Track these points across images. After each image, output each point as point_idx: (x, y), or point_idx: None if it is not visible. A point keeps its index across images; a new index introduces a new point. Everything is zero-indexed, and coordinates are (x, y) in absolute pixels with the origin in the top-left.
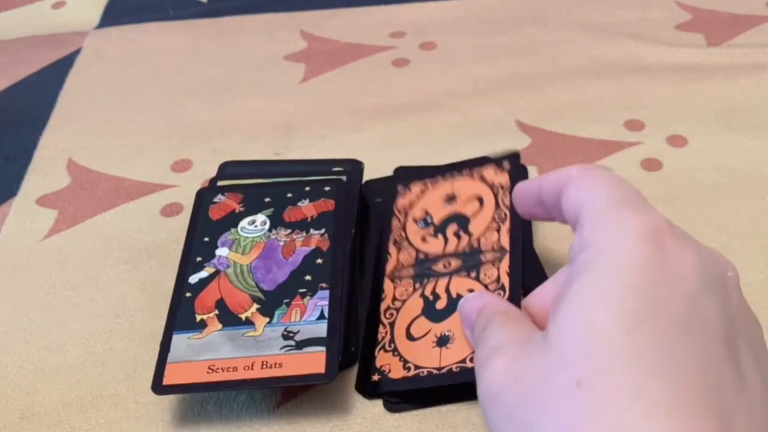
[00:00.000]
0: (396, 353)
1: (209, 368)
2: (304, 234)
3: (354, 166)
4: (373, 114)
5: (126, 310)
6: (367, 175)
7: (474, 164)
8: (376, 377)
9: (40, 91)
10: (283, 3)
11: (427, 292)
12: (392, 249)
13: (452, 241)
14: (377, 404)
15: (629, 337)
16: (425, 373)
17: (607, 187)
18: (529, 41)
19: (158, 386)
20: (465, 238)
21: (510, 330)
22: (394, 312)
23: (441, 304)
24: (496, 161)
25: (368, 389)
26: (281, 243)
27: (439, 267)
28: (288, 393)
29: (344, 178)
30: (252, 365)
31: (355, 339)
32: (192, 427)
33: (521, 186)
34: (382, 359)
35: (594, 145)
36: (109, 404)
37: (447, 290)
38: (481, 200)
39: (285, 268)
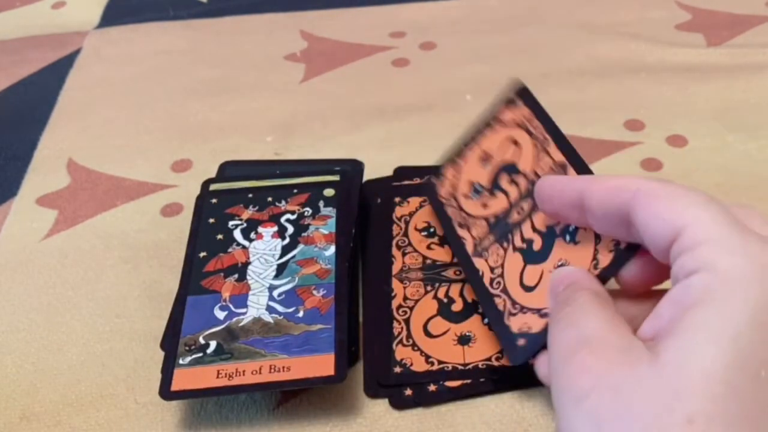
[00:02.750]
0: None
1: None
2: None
3: (354, 166)
4: (373, 114)
5: (126, 310)
6: (367, 175)
7: (487, 115)
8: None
9: (40, 91)
10: (283, 3)
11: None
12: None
13: (512, 191)
14: (377, 404)
15: (752, 384)
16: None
17: (713, 208)
18: (529, 41)
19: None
20: (522, 182)
21: (602, 321)
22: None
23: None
24: (505, 102)
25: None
26: None
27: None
28: (288, 393)
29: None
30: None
31: (356, 339)
32: (192, 427)
33: (552, 184)
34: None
35: (594, 145)
36: (109, 404)
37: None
38: (515, 141)
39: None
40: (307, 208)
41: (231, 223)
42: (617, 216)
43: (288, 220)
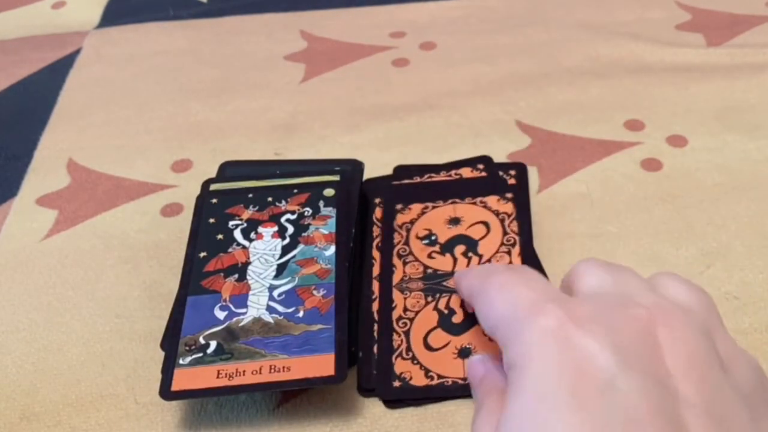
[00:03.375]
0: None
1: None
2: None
3: (354, 166)
4: (373, 114)
5: (126, 310)
6: (367, 175)
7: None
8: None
9: (40, 91)
10: (283, 3)
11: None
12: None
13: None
14: (377, 404)
15: None
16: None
17: (504, 305)
18: (529, 41)
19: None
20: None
21: (492, 424)
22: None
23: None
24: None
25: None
26: None
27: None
28: (288, 393)
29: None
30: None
31: (355, 340)
32: (192, 427)
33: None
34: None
35: (594, 145)
36: (109, 404)
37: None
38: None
39: None
40: (307, 208)
41: (231, 223)
42: None
43: (288, 220)
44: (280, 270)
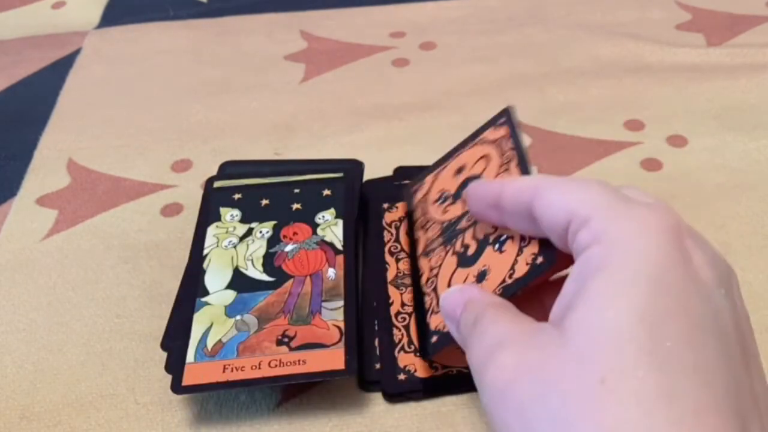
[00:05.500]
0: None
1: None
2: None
3: (354, 166)
4: (373, 114)
5: (126, 310)
6: (367, 175)
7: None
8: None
9: (40, 91)
10: (283, 3)
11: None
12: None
13: None
14: (378, 403)
15: (652, 336)
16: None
17: (599, 188)
18: (529, 41)
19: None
20: None
21: (508, 322)
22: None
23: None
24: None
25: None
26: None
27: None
28: (288, 392)
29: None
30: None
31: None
32: (192, 427)
33: (476, 187)
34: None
35: (594, 145)
36: (109, 404)
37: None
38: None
39: None
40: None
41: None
42: (525, 213)
43: None
44: None
